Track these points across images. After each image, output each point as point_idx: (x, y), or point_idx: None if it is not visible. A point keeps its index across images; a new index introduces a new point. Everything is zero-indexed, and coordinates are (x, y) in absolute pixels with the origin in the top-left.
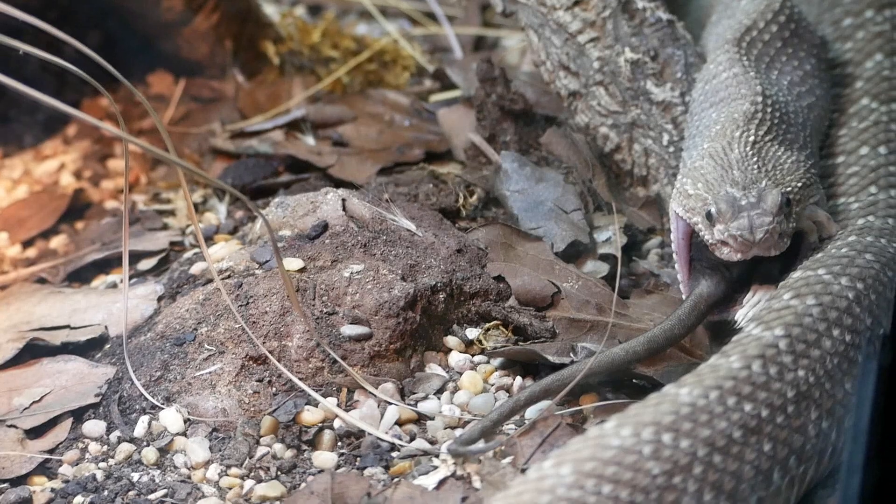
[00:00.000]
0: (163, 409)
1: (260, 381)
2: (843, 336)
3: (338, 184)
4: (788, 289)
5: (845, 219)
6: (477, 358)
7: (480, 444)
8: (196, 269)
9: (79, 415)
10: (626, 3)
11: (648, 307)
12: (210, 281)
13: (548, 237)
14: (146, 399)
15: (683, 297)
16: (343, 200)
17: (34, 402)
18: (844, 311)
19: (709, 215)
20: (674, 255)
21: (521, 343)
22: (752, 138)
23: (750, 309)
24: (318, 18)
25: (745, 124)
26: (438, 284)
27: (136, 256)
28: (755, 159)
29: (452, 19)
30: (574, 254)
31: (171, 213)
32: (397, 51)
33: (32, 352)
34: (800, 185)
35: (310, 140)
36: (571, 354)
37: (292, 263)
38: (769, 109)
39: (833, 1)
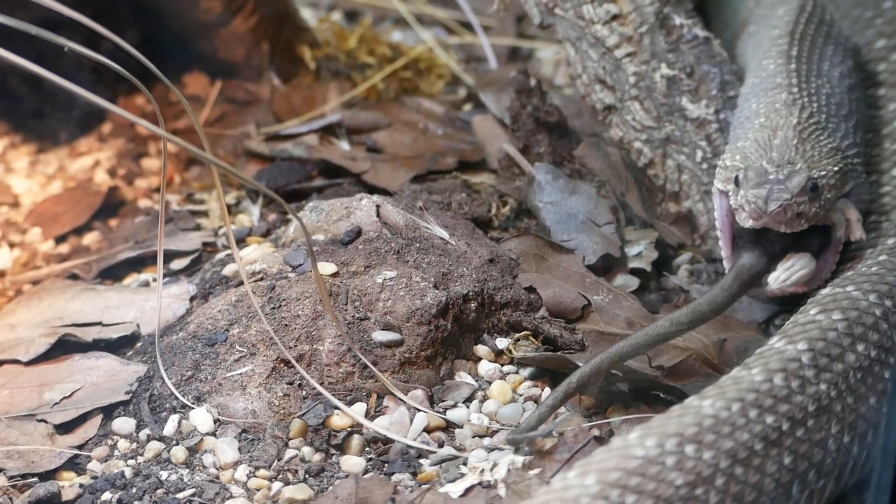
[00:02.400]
0: (193, 408)
1: (290, 384)
2: (869, 351)
3: (371, 190)
4: (815, 304)
5: (877, 237)
6: (506, 368)
7: (536, 432)
8: (228, 270)
9: (109, 412)
10: (664, 20)
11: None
12: (243, 283)
13: (579, 250)
14: (176, 398)
15: (726, 270)
16: (377, 206)
17: (64, 398)
18: (871, 327)
19: (736, 180)
20: (718, 232)
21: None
22: (794, 121)
23: (783, 272)
24: (355, 24)
25: (786, 111)
26: (470, 293)
27: (168, 256)
28: (795, 141)
29: (488, 29)
30: (605, 267)
31: (205, 213)
32: (432, 59)
33: (64, 348)
34: (835, 170)
35: (344, 145)
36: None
37: (325, 268)
38: (807, 97)
39: (865, 23)
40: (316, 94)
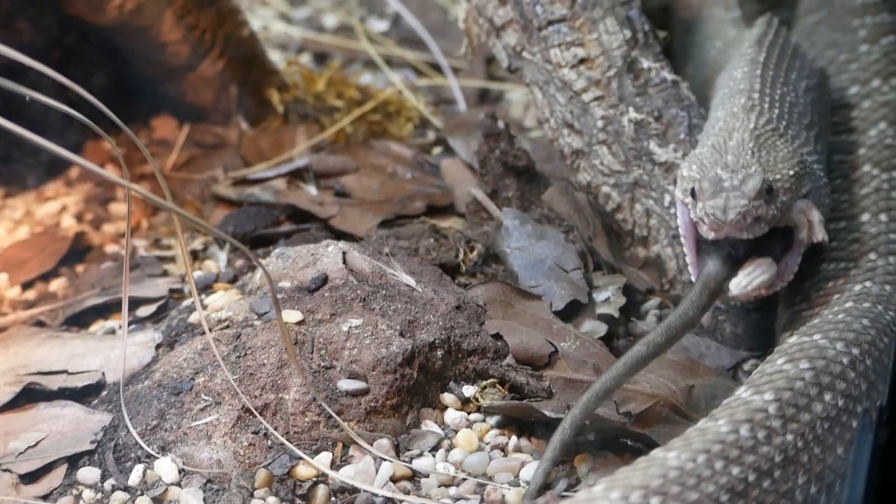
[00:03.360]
0: (158, 458)
1: (255, 433)
2: (836, 401)
3: (339, 235)
4: (783, 353)
5: (844, 284)
6: (473, 416)
7: (554, 490)
8: (195, 317)
9: (74, 461)
10: (632, 63)
11: (645, 368)
12: (210, 329)
13: (547, 296)
14: (141, 448)
15: (692, 279)
16: (343, 253)
17: (30, 447)
18: (838, 375)
19: (692, 192)
20: (682, 240)
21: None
22: (751, 126)
23: (744, 278)
24: (324, 67)
25: (744, 115)
26: (436, 341)
27: (135, 303)
28: (752, 145)
29: (457, 71)
30: (572, 313)
31: (172, 259)
32: (401, 102)
33: (29, 396)
34: (791, 173)
35: (312, 190)
36: (566, 411)
37: (291, 316)
38: (767, 102)
39: (840, 68)
40: (284, 138)
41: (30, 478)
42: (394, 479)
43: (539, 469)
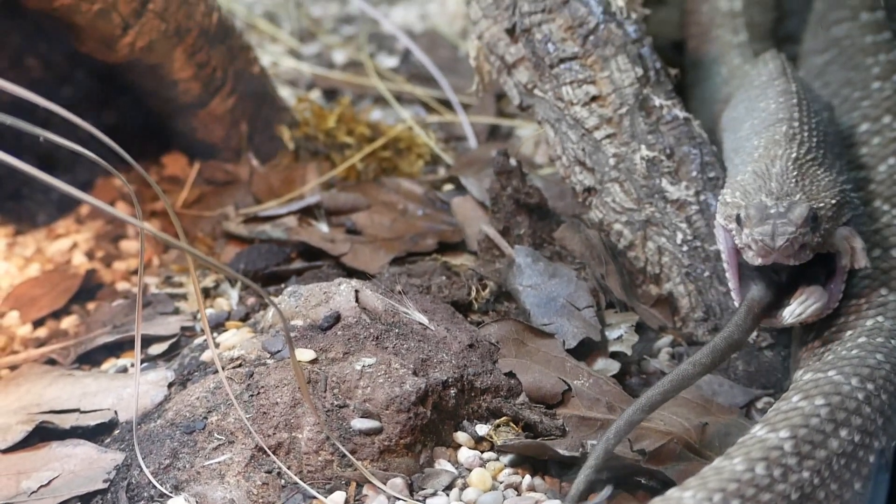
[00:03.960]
0: (171, 497)
1: (269, 472)
2: (852, 436)
3: (350, 273)
4: (798, 390)
5: (856, 320)
6: (486, 455)
7: (598, 498)
8: (207, 355)
9: (87, 500)
10: (644, 101)
11: (659, 406)
12: (222, 368)
13: (559, 334)
14: (154, 487)
15: (736, 304)
16: (356, 291)
17: (42, 486)
18: (853, 411)
19: (738, 219)
20: (724, 265)
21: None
22: (793, 155)
23: (798, 306)
24: (334, 103)
25: (787, 143)
26: (450, 380)
27: (147, 341)
28: (794, 174)
29: (467, 107)
30: (585, 351)
31: (184, 297)
32: (412, 138)
33: (41, 435)
34: (833, 202)
35: (323, 227)
36: (580, 450)
37: (304, 354)
38: (807, 132)
39: (852, 105)
40: (295, 175)
41: None
42: None
43: (581, 476)
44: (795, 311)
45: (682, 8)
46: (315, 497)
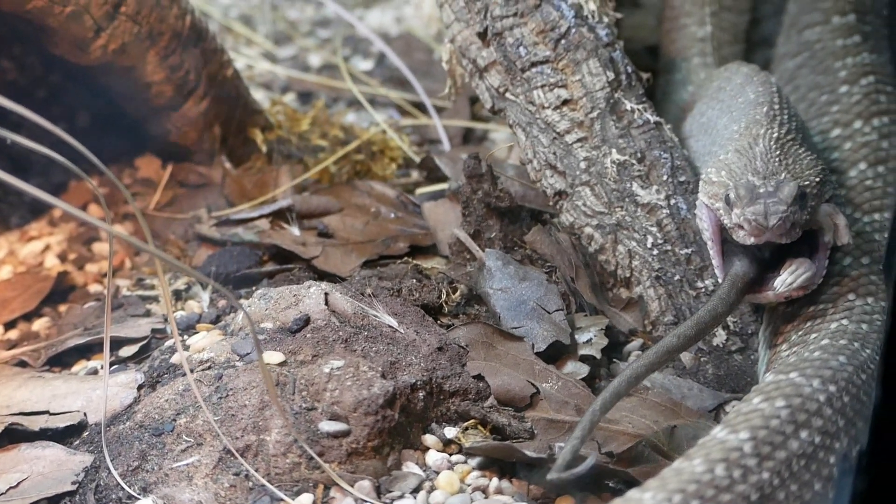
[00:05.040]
0: (139, 499)
1: (237, 474)
2: (812, 438)
3: (322, 275)
4: (759, 392)
5: (821, 323)
6: (455, 457)
7: (581, 467)
8: (177, 358)
9: (55, 502)
10: (615, 105)
11: (627, 409)
12: (192, 370)
13: (529, 337)
14: (123, 489)
15: (719, 280)
16: (326, 294)
17: (11, 488)
18: (814, 413)
19: (727, 199)
20: (707, 243)
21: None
22: (775, 135)
23: (789, 276)
24: (309, 106)
25: (768, 123)
26: (418, 382)
27: (117, 343)
28: (777, 153)
29: (441, 111)
30: (555, 354)
31: (155, 299)
32: (385, 141)
33: (10, 436)
34: (817, 180)
35: (295, 230)
36: (548, 452)
37: (273, 357)
38: (787, 114)
39: (821, 109)
40: (268, 178)
41: None
42: None
43: (567, 446)
44: (787, 280)
45: (656, 14)
46: (282, 499)
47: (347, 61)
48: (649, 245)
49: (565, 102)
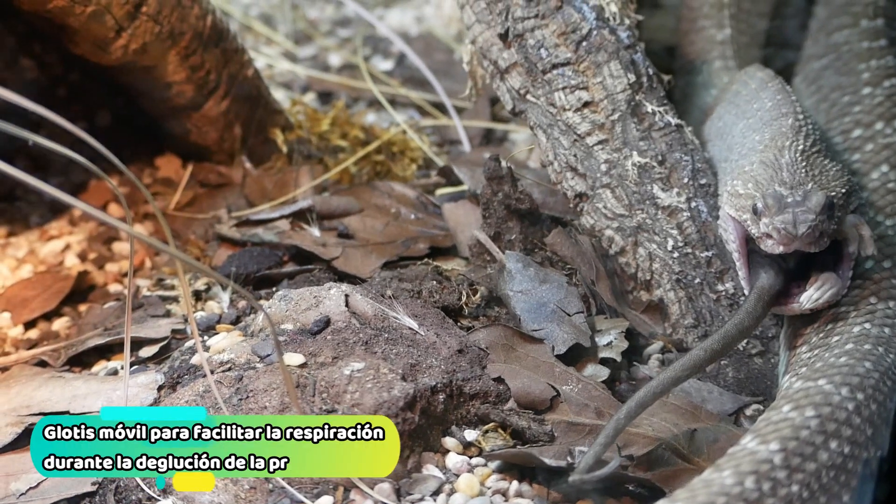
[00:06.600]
0: (159, 500)
1: None
2: (842, 448)
3: (342, 277)
4: (788, 400)
5: (843, 326)
6: (475, 460)
7: (604, 469)
8: (197, 359)
9: (75, 502)
10: (636, 107)
11: (648, 412)
12: (212, 371)
13: (549, 339)
14: (143, 490)
15: (746, 292)
16: (346, 296)
17: (31, 488)
18: (844, 422)
19: (755, 209)
20: (733, 255)
21: (518, 446)
22: (801, 147)
23: (815, 291)
24: (329, 106)
25: (793, 134)
26: (438, 385)
27: (137, 343)
28: (804, 164)
29: (461, 111)
30: (575, 357)
31: (175, 299)
32: (406, 142)
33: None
34: (843, 191)
35: (315, 231)
36: (568, 458)
37: (293, 359)
38: (811, 125)
39: (843, 110)
40: (288, 178)
41: None
42: None
43: (590, 451)
44: (813, 296)
45: (677, 15)
46: (302, 501)
47: (367, 61)
48: (670, 248)
49: (586, 104)
